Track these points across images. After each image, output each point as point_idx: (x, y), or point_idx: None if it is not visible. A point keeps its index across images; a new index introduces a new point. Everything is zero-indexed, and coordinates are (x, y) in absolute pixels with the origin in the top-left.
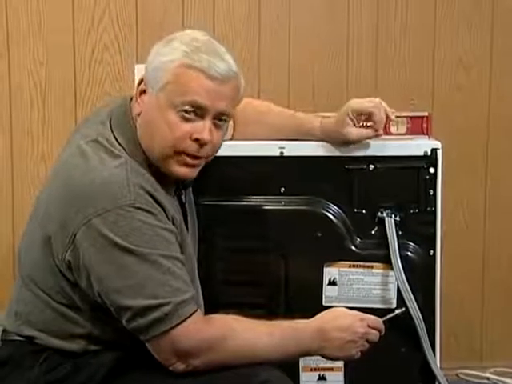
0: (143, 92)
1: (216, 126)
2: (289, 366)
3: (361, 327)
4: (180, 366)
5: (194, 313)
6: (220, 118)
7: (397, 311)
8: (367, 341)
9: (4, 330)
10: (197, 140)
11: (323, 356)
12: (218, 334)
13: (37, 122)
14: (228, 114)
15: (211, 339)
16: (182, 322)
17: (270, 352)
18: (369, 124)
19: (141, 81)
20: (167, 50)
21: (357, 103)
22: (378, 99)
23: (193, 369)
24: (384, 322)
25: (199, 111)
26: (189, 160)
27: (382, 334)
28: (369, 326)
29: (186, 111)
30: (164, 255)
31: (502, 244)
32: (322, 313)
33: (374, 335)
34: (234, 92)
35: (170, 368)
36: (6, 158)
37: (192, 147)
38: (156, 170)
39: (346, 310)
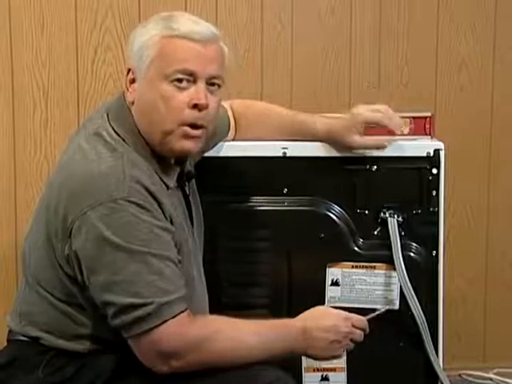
0: (132, 81)
1: (210, 91)
2: (291, 367)
3: (345, 327)
4: (163, 367)
5: (177, 314)
6: (212, 83)
7: (381, 310)
8: (351, 340)
9: (10, 331)
10: (195, 106)
11: (309, 356)
12: (201, 336)
13: (39, 122)
14: (219, 78)
15: (193, 340)
16: (163, 322)
17: (255, 352)
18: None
19: (128, 71)
20: (145, 31)
21: (365, 114)
22: (385, 106)
23: (176, 370)
24: (368, 320)
25: (191, 77)
26: (189, 130)
27: (367, 333)
28: (353, 326)
29: (178, 80)
30: (154, 254)
31: (505, 244)
32: (306, 312)
33: (359, 335)
34: (220, 54)
35: (154, 369)
36: (8, 158)
37: (192, 115)
38: (157, 160)
39: (330, 308)
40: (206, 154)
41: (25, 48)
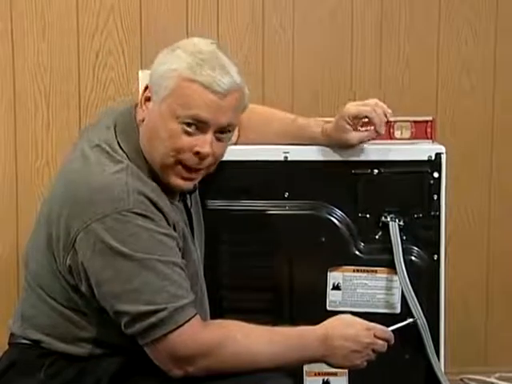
0: (148, 99)
1: (218, 138)
2: (293, 371)
3: (367, 337)
4: (178, 372)
5: (190, 319)
6: (222, 131)
7: (407, 321)
8: (373, 351)
9: (11, 334)
10: (197, 153)
11: (327, 363)
12: (216, 341)
13: (41, 127)
14: (231, 125)
15: (208, 345)
16: (177, 327)
17: (271, 359)
18: (369, 128)
19: (146, 87)
20: (171, 60)
21: (353, 108)
22: (374, 100)
23: (190, 374)
24: (393, 331)
25: (201, 125)
26: (185, 173)
27: (391, 344)
28: (376, 336)
29: (187, 124)
30: (162, 260)
31: (506, 248)
32: (329, 320)
33: (381, 346)
34: (238, 103)
35: (170, 373)
36: (10, 162)
37: (192, 160)
38: (157, 178)
39: (353, 317)
40: None
41: (26, 52)
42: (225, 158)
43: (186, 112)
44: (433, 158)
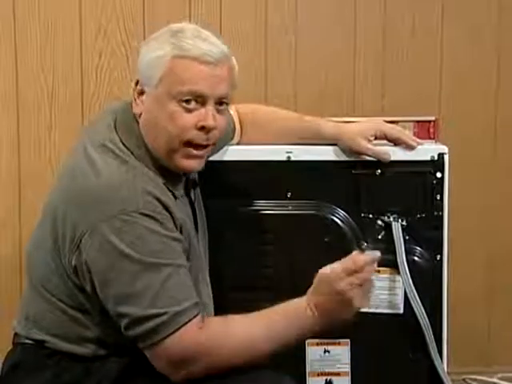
0: (141, 93)
1: (218, 111)
2: (295, 371)
3: (338, 282)
4: (178, 376)
5: (189, 321)
6: (221, 102)
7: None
8: (360, 285)
9: (15, 334)
10: (203, 128)
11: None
12: (213, 340)
13: (44, 127)
14: (227, 97)
15: (205, 346)
16: (175, 331)
17: (267, 349)
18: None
19: (136, 82)
20: (156, 46)
21: (388, 126)
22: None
23: (190, 376)
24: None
25: (199, 99)
26: (194, 151)
27: (374, 264)
28: (350, 273)
29: (186, 101)
30: (166, 264)
31: (509, 248)
32: (309, 289)
33: (361, 276)
34: (229, 73)
35: (170, 378)
36: (13, 162)
37: (199, 136)
38: (165, 172)
39: (321, 272)
40: (211, 158)
41: (29, 53)
42: (228, 158)
43: (181, 88)
44: (435, 158)
